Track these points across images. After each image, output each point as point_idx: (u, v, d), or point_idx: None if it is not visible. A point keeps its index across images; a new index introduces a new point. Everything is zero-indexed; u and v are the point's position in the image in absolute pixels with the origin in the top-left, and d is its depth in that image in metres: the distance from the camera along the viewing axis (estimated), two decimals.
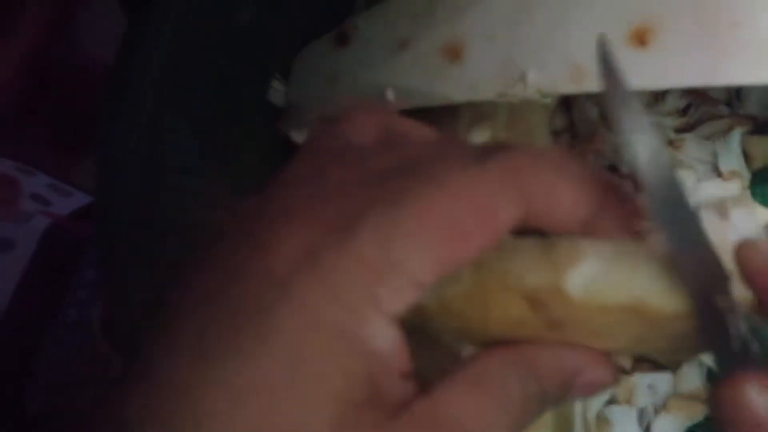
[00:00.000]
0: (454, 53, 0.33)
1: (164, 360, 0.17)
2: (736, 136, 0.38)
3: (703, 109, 0.39)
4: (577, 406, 0.37)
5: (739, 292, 0.18)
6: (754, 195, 0.40)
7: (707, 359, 0.38)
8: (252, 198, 0.19)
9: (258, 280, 0.17)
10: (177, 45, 0.33)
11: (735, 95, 0.40)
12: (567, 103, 0.41)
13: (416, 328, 0.18)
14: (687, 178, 0.37)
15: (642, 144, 0.18)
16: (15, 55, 0.38)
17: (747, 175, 0.39)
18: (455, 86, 0.32)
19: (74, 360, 0.57)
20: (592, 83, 0.30)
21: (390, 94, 0.35)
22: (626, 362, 0.39)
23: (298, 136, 0.40)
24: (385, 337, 0.16)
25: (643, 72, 0.31)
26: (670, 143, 0.38)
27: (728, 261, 0.18)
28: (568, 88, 0.31)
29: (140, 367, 0.17)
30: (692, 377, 0.38)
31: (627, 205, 0.20)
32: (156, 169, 0.33)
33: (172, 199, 0.33)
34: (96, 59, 0.50)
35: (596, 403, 0.37)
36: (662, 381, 0.38)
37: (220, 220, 0.19)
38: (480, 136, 0.35)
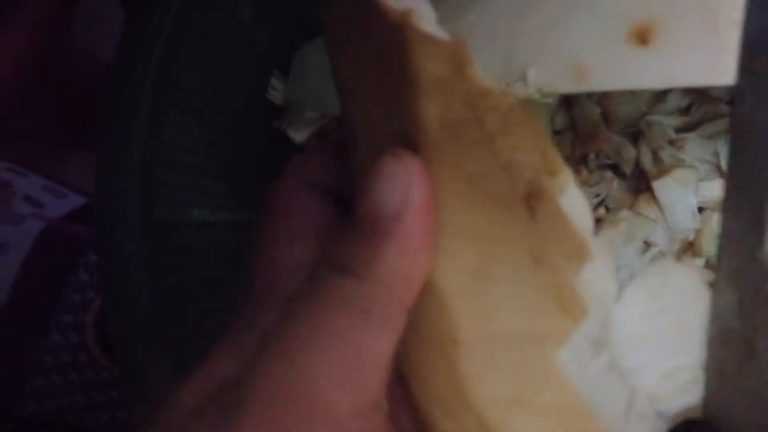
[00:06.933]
0: None
1: None
2: None
3: (704, 109, 0.39)
4: None
5: None
6: None
7: None
8: None
9: None
10: (176, 42, 0.33)
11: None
12: (568, 102, 0.41)
13: None
14: (689, 178, 0.37)
15: None
16: (11, 54, 0.37)
17: None
18: None
19: (67, 364, 0.56)
20: (593, 82, 0.29)
21: None
22: None
23: (297, 135, 0.40)
24: None
25: (645, 71, 0.31)
26: (672, 143, 0.38)
27: None
28: (569, 87, 0.30)
29: None
30: None
31: None
32: (155, 168, 0.32)
33: (171, 197, 0.33)
34: (94, 57, 0.50)
35: None
36: None
37: None
38: None
